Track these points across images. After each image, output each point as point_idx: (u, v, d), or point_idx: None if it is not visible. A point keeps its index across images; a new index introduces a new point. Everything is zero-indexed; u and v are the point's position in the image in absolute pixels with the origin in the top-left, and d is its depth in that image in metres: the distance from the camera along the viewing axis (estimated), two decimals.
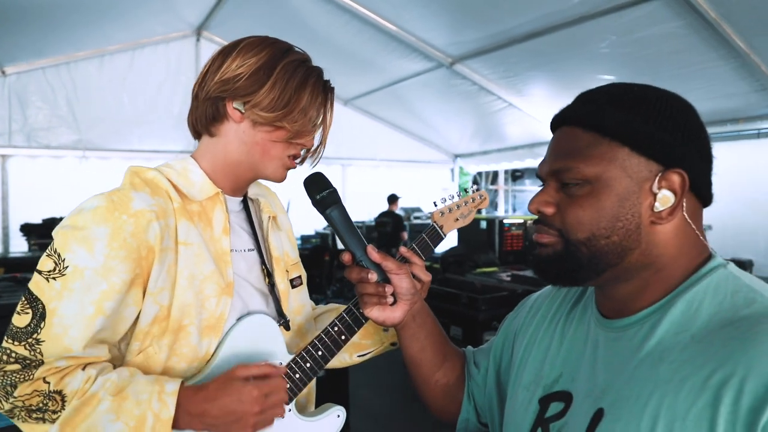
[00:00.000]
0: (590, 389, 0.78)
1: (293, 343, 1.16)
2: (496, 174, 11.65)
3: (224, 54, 1.05)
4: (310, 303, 1.31)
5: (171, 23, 6.83)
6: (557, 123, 0.85)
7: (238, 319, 1.03)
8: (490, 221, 6.25)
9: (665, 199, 0.74)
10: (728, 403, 0.61)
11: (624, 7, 4.46)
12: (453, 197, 1.25)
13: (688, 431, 0.63)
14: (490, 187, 11.73)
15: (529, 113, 7.15)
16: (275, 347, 1.05)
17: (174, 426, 0.90)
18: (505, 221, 6.09)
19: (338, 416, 1.12)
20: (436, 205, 1.24)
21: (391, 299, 1.01)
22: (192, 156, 1.10)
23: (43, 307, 0.90)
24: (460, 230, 7.17)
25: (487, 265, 5.72)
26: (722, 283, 0.73)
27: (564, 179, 0.78)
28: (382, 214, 8.46)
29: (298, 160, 1.11)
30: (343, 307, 1.24)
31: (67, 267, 0.90)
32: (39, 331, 0.90)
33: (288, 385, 1.03)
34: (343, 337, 1.07)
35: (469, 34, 5.62)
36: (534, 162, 8.42)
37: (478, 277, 5.24)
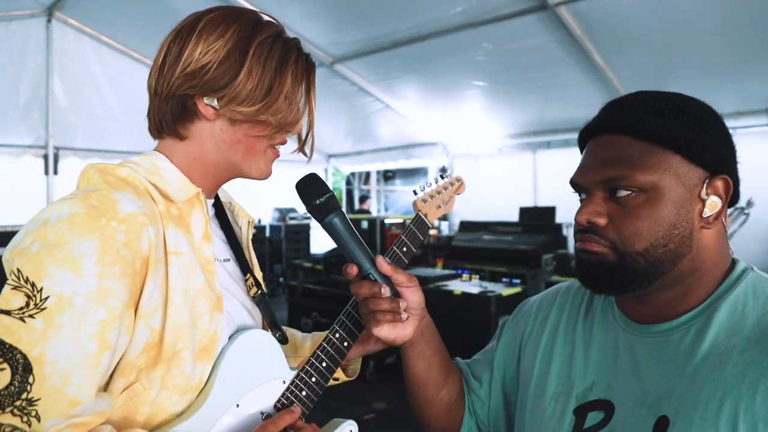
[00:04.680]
0: (640, 396, 0.78)
1: None
2: (368, 174, 11.81)
3: (181, 38, 0.88)
4: None
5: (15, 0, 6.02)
6: (596, 131, 0.84)
7: (231, 338, 0.91)
8: (371, 221, 6.32)
9: (713, 204, 0.77)
10: None
11: (502, 19, 4.74)
12: (432, 184, 1.18)
13: None
14: (363, 187, 11.87)
15: (405, 115, 7.33)
16: (276, 364, 0.95)
17: None
18: (385, 221, 6.20)
19: (351, 431, 1.04)
20: (416, 193, 1.16)
21: (405, 315, 0.94)
22: (158, 151, 0.93)
23: (24, 357, 0.70)
24: None
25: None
26: (758, 286, 0.78)
27: (617, 188, 0.78)
28: (355, 212, 9.31)
29: (282, 147, 0.99)
30: (322, 335, 1.17)
31: (47, 298, 0.71)
32: (28, 387, 0.69)
33: (296, 405, 0.93)
34: (345, 344, 0.98)
35: (352, 35, 5.62)
36: (407, 162, 8.66)
37: None
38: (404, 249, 1.05)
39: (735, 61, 4.62)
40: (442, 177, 1.19)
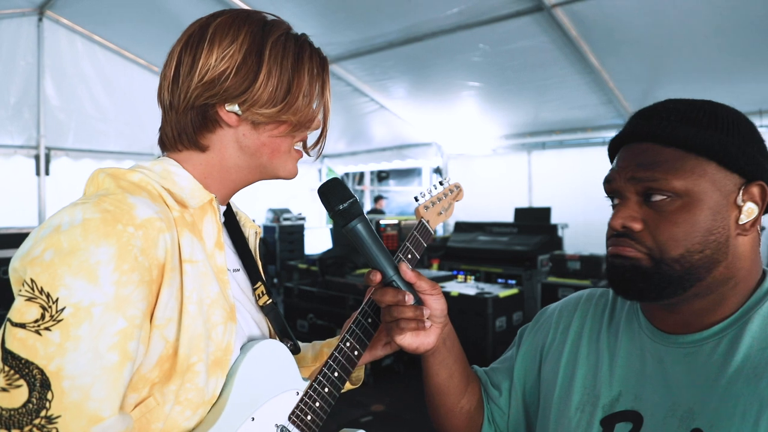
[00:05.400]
0: (670, 408, 0.77)
1: None
2: (362, 175, 11.81)
3: (192, 47, 0.86)
4: None
5: None
6: (627, 140, 0.83)
7: (242, 349, 0.89)
8: None
9: (750, 210, 0.76)
10: None
11: (498, 20, 4.74)
12: (431, 190, 1.18)
13: None
14: (357, 187, 11.87)
15: (400, 116, 7.32)
16: (289, 375, 0.93)
17: None
18: (381, 222, 6.17)
19: None
20: (417, 200, 1.15)
21: (429, 323, 0.92)
22: (169, 157, 0.91)
23: (41, 372, 0.67)
24: (334, 231, 7.13)
25: (366, 266, 5.75)
26: None
27: (652, 192, 0.77)
28: (370, 212, 9.69)
29: (303, 147, 0.98)
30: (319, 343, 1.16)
31: (63, 309, 0.68)
32: (47, 405, 0.66)
33: (309, 417, 0.91)
34: (356, 353, 0.97)
35: (347, 35, 5.60)
36: (401, 163, 8.65)
37: (358, 278, 5.24)
38: (409, 256, 1.04)
39: (729, 62, 4.65)
40: (441, 183, 1.19)
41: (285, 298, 5.72)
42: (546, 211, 6.36)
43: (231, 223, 1.02)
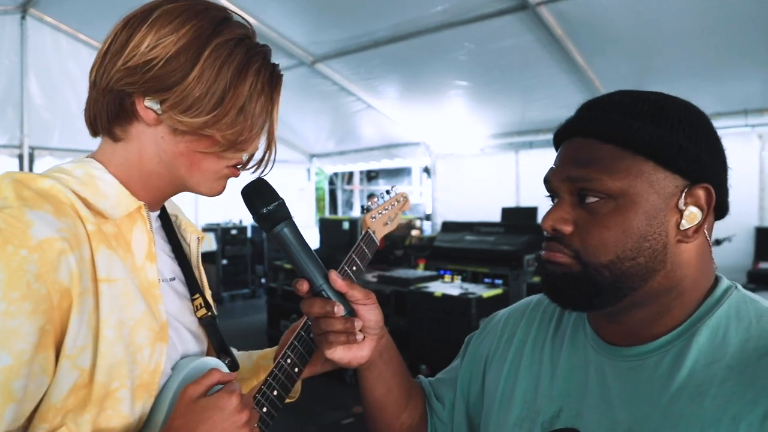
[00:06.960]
0: (609, 426, 0.71)
1: None
2: (351, 174, 11.79)
3: (131, 26, 0.77)
4: None
5: None
6: (566, 133, 0.77)
7: (174, 369, 0.84)
8: (353, 221, 6.27)
9: (692, 216, 0.70)
10: None
11: (483, 19, 4.71)
12: (379, 200, 1.16)
13: None
14: (346, 187, 11.85)
15: (387, 115, 7.29)
16: None
17: None
18: None
19: None
20: (365, 210, 1.14)
21: (361, 336, 0.85)
22: (93, 158, 0.82)
23: None
24: (321, 231, 7.08)
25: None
26: (742, 307, 0.71)
27: (586, 192, 0.71)
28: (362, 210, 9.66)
29: (239, 167, 0.87)
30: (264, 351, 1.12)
31: None
32: None
33: None
34: (296, 370, 0.92)
35: (333, 34, 5.57)
36: (390, 162, 8.63)
37: None
38: (354, 268, 1.01)
39: (714, 62, 4.64)
40: (388, 192, 1.17)
41: (269, 299, 5.68)
42: (533, 211, 6.34)
43: (169, 226, 0.95)
